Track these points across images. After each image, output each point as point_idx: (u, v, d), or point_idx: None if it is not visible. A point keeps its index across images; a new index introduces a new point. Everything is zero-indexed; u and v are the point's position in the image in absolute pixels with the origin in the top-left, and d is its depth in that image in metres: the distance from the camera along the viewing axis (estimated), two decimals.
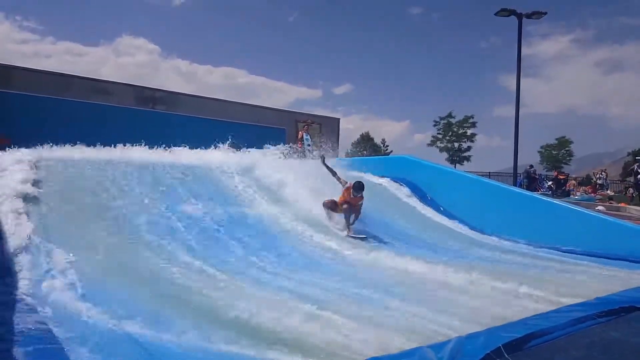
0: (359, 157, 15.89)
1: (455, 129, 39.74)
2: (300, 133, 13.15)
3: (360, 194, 6.65)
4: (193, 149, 8.69)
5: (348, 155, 18.68)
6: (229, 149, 9.17)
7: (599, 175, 22.63)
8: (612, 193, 20.06)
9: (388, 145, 46.52)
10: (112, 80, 17.46)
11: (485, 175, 20.59)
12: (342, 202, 6.73)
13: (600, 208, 12.90)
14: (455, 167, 35.09)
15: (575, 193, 19.23)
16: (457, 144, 39.97)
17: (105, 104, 15.66)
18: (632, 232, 6.64)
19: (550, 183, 20.58)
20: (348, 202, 6.65)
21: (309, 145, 12.25)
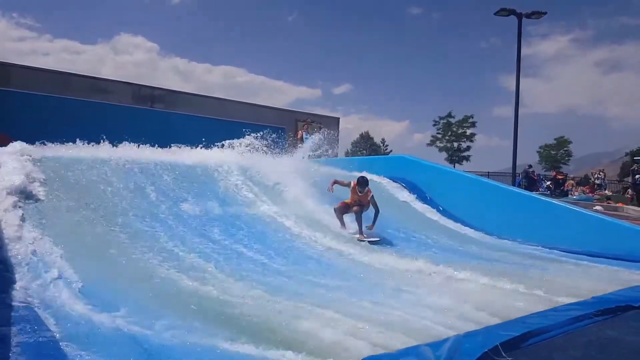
0: (359, 156, 15.90)
1: (455, 129, 39.72)
2: (300, 132, 13.15)
3: (367, 188, 6.54)
4: (193, 148, 8.68)
5: (348, 155, 18.67)
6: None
7: (597, 175, 22.63)
8: (609, 193, 20.08)
9: (388, 145, 46.61)
10: (110, 79, 17.40)
11: (485, 175, 20.59)
12: (352, 202, 6.64)
13: (598, 208, 12.92)
14: (455, 166, 35.08)
15: (574, 193, 19.24)
16: (456, 144, 39.93)
17: (106, 102, 15.64)
18: (629, 232, 6.69)
19: (549, 183, 20.60)
20: (359, 201, 6.55)
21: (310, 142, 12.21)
